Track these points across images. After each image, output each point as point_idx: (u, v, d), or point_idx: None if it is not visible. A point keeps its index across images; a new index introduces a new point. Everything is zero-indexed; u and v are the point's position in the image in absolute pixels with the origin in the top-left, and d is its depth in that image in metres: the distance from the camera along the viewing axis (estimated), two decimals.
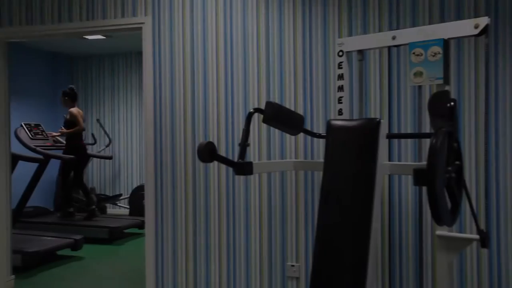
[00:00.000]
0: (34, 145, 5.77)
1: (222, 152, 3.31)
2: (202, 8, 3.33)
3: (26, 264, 4.51)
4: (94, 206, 6.25)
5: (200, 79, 3.35)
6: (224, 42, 3.29)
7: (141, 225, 6.27)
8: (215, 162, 3.29)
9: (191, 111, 3.37)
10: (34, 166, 6.10)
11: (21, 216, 6.07)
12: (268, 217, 3.23)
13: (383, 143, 2.18)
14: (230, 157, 3.24)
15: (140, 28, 3.49)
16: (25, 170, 6.53)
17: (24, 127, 5.93)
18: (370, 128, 2.18)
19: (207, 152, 2.05)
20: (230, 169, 3.29)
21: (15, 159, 5.36)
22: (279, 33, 3.18)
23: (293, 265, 3.17)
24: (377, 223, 2.11)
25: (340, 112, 2.54)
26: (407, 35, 2.29)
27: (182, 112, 3.39)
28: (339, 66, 2.53)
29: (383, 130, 2.19)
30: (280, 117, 2.33)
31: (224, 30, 3.29)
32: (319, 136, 2.63)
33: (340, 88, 2.53)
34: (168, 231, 3.43)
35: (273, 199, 3.21)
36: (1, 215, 3.87)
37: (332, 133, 2.31)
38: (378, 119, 2.18)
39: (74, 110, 6.07)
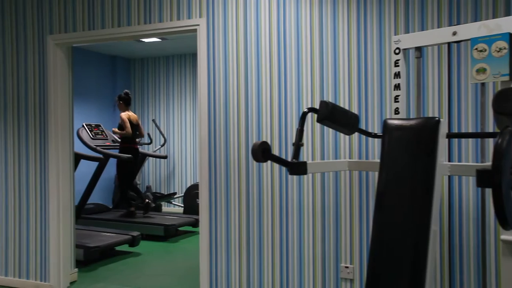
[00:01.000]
0: (95, 145, 6.02)
1: (275, 151, 3.31)
2: (256, 9, 3.35)
3: (88, 258, 4.71)
4: (147, 200, 6.43)
5: (253, 79, 3.37)
6: (278, 42, 3.30)
7: (195, 224, 6.39)
8: (269, 162, 3.30)
9: (245, 111, 3.40)
10: (94, 164, 6.37)
11: (82, 212, 6.36)
12: (321, 217, 3.20)
13: (442, 142, 2.10)
14: (283, 157, 3.24)
15: (195, 30, 3.56)
16: (86, 168, 6.83)
17: (85, 127, 6.20)
18: (429, 127, 2.11)
19: (261, 152, 2.06)
20: (284, 169, 3.28)
21: (77, 158, 5.63)
22: (333, 31, 3.15)
23: (347, 267, 3.12)
24: (436, 226, 2.04)
25: (396, 111, 2.47)
26: (468, 30, 2.20)
27: (236, 112, 3.42)
28: (396, 64, 2.47)
29: (443, 129, 2.11)
30: (334, 117, 2.30)
31: (277, 30, 3.29)
32: (374, 135, 2.58)
33: (397, 87, 2.47)
34: (222, 230, 3.47)
35: (327, 199, 3.18)
36: (66, 211, 4.07)
37: (389, 133, 2.25)
38: (437, 118, 2.11)
39: (123, 114, 6.25)
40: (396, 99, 2.47)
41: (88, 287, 4.10)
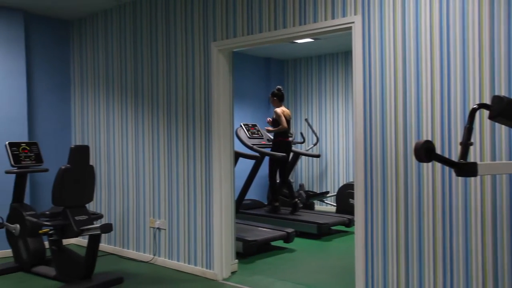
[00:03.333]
0: (252, 144, 6.34)
1: (437, 151, 3.09)
2: (415, 2, 3.17)
3: (246, 251, 4.98)
4: (296, 200, 6.57)
5: (412, 75, 3.20)
6: (440, 35, 3.07)
7: (348, 223, 6.32)
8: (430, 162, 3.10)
9: (403, 108, 3.24)
10: (250, 162, 6.71)
11: (240, 207, 6.76)
12: (492, 224, 2.89)
13: None
14: (446, 156, 3.01)
15: (350, 28, 3.51)
16: (243, 166, 7.23)
17: (243, 127, 6.56)
18: None
19: (424, 151, 1.95)
20: (447, 169, 3.06)
21: (236, 156, 6.00)
22: (507, 17, 2.82)
23: None
24: None
25: None
26: None
27: (393, 110, 3.29)
28: None
29: None
30: (511, 113, 2.06)
31: (439, 23, 3.07)
32: None
33: None
34: (378, 232, 3.37)
35: (499, 203, 2.87)
36: (227, 205, 4.37)
37: None
38: None
39: (278, 110, 6.42)
40: None
41: (248, 278, 4.34)
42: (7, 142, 4.59)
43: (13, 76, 5.35)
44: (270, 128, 6.56)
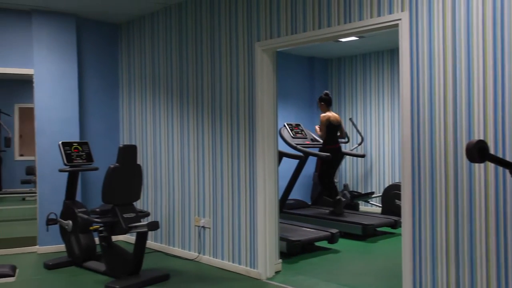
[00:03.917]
0: (295, 143, 6.31)
1: (490, 151, 2.97)
2: None
3: (290, 251, 4.97)
4: (339, 197, 6.45)
5: (463, 73, 3.09)
6: (493, 30, 2.95)
7: (394, 225, 6.18)
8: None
9: (453, 107, 3.14)
10: (293, 162, 6.69)
11: (284, 207, 6.75)
12: None
13: None
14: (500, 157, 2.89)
15: (397, 25, 3.43)
16: (287, 165, 7.23)
17: (287, 127, 6.54)
18: None
19: (478, 151, 1.88)
20: (500, 170, 2.93)
21: (280, 156, 5.99)
22: None
23: None
24: None
25: None
26: None
27: (442, 109, 3.19)
28: None
29: None
30: None
31: (493, 19, 2.95)
32: None
33: None
34: (427, 235, 3.27)
35: None
36: (271, 205, 4.37)
37: None
38: None
39: (323, 116, 6.32)
40: None
41: (292, 278, 4.33)
42: (60, 142, 4.79)
43: (66, 78, 5.58)
44: (318, 129, 6.47)
